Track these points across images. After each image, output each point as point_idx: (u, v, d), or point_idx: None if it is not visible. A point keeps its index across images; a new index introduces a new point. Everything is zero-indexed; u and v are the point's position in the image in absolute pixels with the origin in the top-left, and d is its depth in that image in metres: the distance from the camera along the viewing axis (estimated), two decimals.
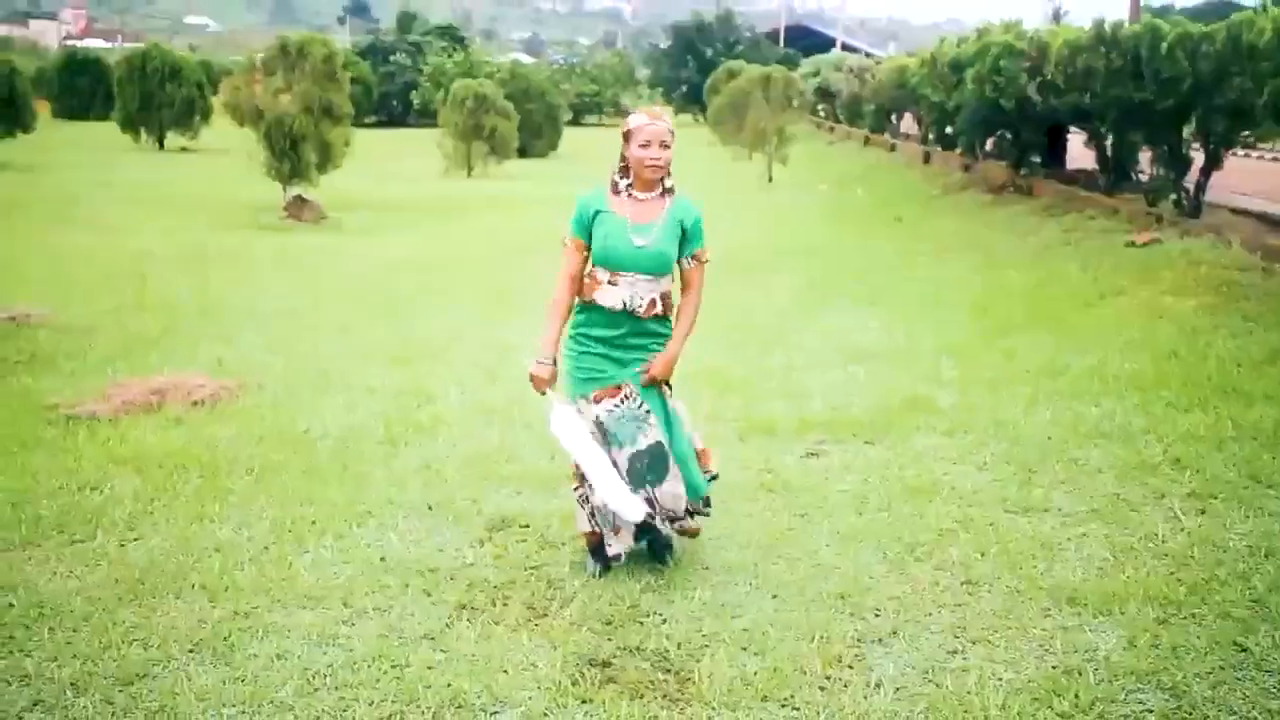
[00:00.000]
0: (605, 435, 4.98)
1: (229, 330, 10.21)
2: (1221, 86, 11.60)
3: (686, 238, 4.99)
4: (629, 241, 4.88)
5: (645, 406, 4.97)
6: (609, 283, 4.94)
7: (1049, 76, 14.90)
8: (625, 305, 4.92)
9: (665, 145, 4.86)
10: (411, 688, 4.10)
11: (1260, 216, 13.24)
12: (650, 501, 4.97)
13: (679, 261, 5.02)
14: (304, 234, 17.93)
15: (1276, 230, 12.25)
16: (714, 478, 5.25)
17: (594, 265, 5.00)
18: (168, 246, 15.69)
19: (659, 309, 4.99)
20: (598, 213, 4.95)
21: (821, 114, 45.06)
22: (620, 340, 4.98)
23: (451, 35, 66.97)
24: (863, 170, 27.71)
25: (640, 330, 4.99)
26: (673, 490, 4.99)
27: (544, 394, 5.07)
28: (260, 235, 17.46)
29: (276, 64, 19.33)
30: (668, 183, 4.99)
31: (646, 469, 4.95)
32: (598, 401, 4.99)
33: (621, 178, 4.98)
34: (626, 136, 4.92)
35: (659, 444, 4.96)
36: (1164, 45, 12.18)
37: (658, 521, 5.01)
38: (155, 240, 16.34)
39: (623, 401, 4.97)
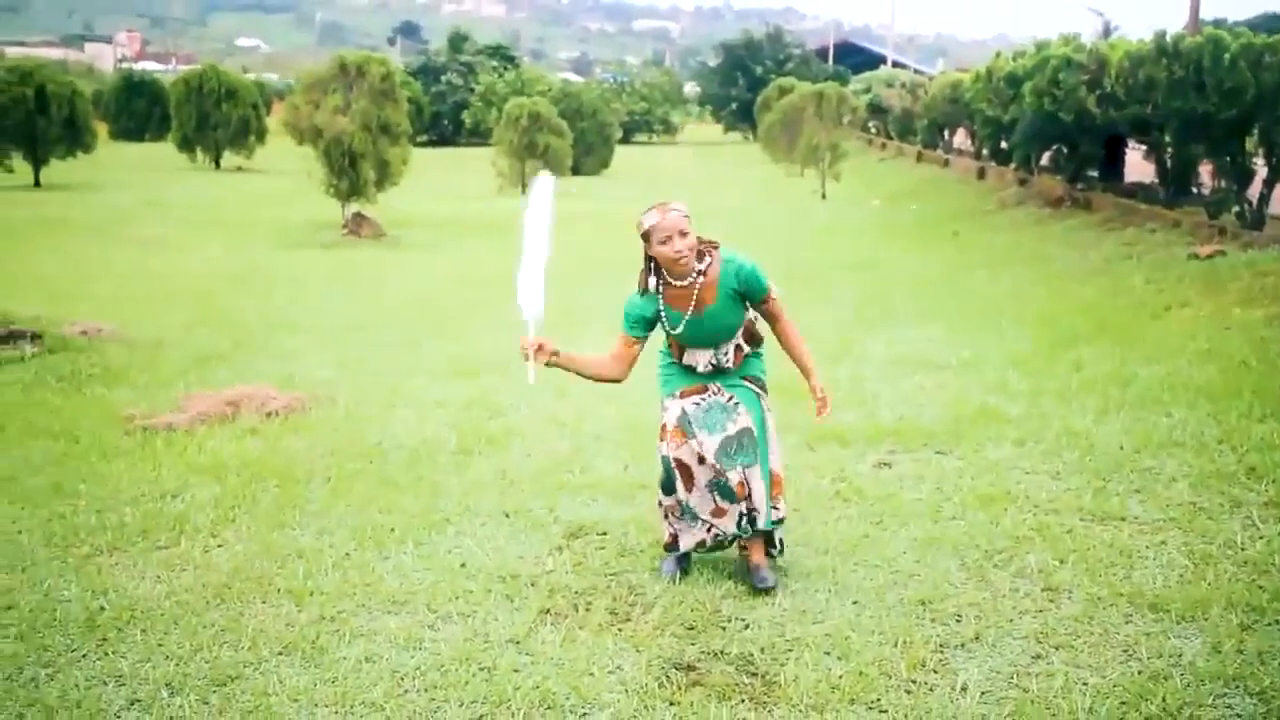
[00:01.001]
0: (692, 425, 4.99)
1: (296, 345, 10.35)
2: None
3: (750, 294, 4.96)
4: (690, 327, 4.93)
5: (734, 399, 5.01)
6: (689, 350, 5.04)
7: (1109, 89, 14.84)
8: (714, 365, 5.01)
9: (684, 233, 4.80)
10: (501, 689, 4.14)
11: None
12: (744, 484, 4.98)
13: (753, 309, 5.04)
14: (364, 250, 18.12)
15: None
16: (778, 521, 5.15)
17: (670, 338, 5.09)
18: (230, 264, 15.93)
19: (745, 351, 5.06)
20: (658, 311, 4.98)
21: (873, 130, 45.01)
22: (709, 380, 5.05)
23: (502, 55, 67.41)
24: (916, 186, 27.67)
25: (728, 375, 5.06)
26: (757, 480, 5.00)
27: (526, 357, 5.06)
28: (322, 252, 17.67)
29: (335, 83, 19.55)
30: (702, 264, 4.91)
31: (738, 450, 4.97)
32: (684, 396, 5.04)
33: (654, 276, 4.97)
34: (646, 237, 4.86)
35: (749, 429, 4.99)
36: (1227, 56, 12.12)
37: (735, 522, 5.05)
38: (218, 258, 16.59)
39: (709, 395, 5.02)
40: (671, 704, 4.08)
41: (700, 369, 5.02)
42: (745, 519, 5.01)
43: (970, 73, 25.02)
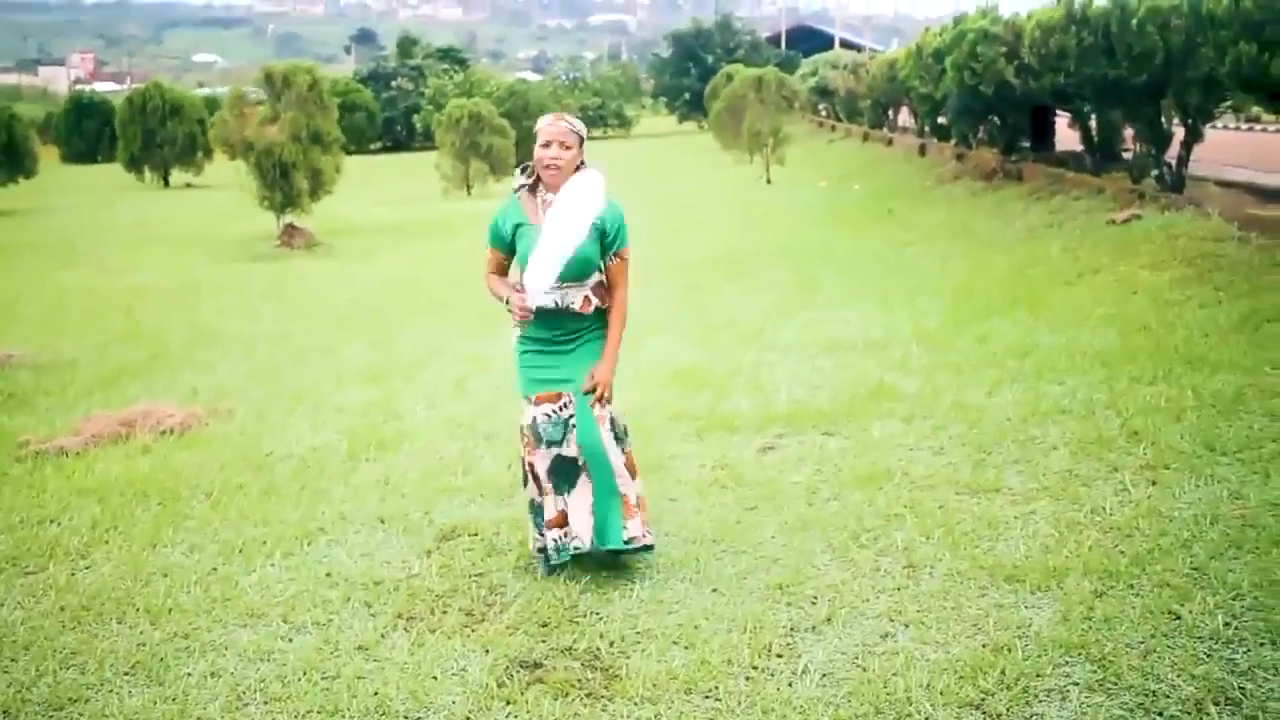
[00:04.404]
0: (538, 435, 4.99)
1: (211, 359, 10.25)
2: (1192, 58, 11.51)
3: (608, 238, 4.95)
4: None
5: (573, 422, 4.99)
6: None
7: (1025, 59, 14.84)
8: (558, 305, 4.94)
9: (566, 146, 4.87)
10: (338, 698, 4.11)
11: (1246, 187, 13.15)
12: (565, 514, 5.00)
13: (602, 260, 4.99)
14: (296, 261, 17.99)
15: (1258, 200, 12.17)
16: (644, 548, 5.08)
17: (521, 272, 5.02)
18: (159, 282, 15.79)
19: (595, 304, 4.99)
20: (517, 226, 4.97)
21: (823, 113, 45.02)
22: (562, 336, 5.00)
23: (453, 57, 67.11)
24: (860, 166, 27.64)
25: (579, 325, 5.00)
26: (581, 506, 4.99)
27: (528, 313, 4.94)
28: (251, 265, 17.53)
29: (263, 94, 19.42)
30: None
31: (563, 474, 4.99)
32: (538, 404, 5.01)
33: (526, 176, 5.01)
34: (535, 137, 4.95)
35: (573, 459, 4.99)
36: (1134, 21, 12.11)
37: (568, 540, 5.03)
38: (148, 276, 16.45)
39: (560, 410, 4.99)
40: (508, 703, 4.05)
41: (539, 300, 4.91)
42: (567, 541, 5.03)
43: (904, 50, 25.03)
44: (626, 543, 4.98)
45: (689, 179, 29.56)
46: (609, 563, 5.10)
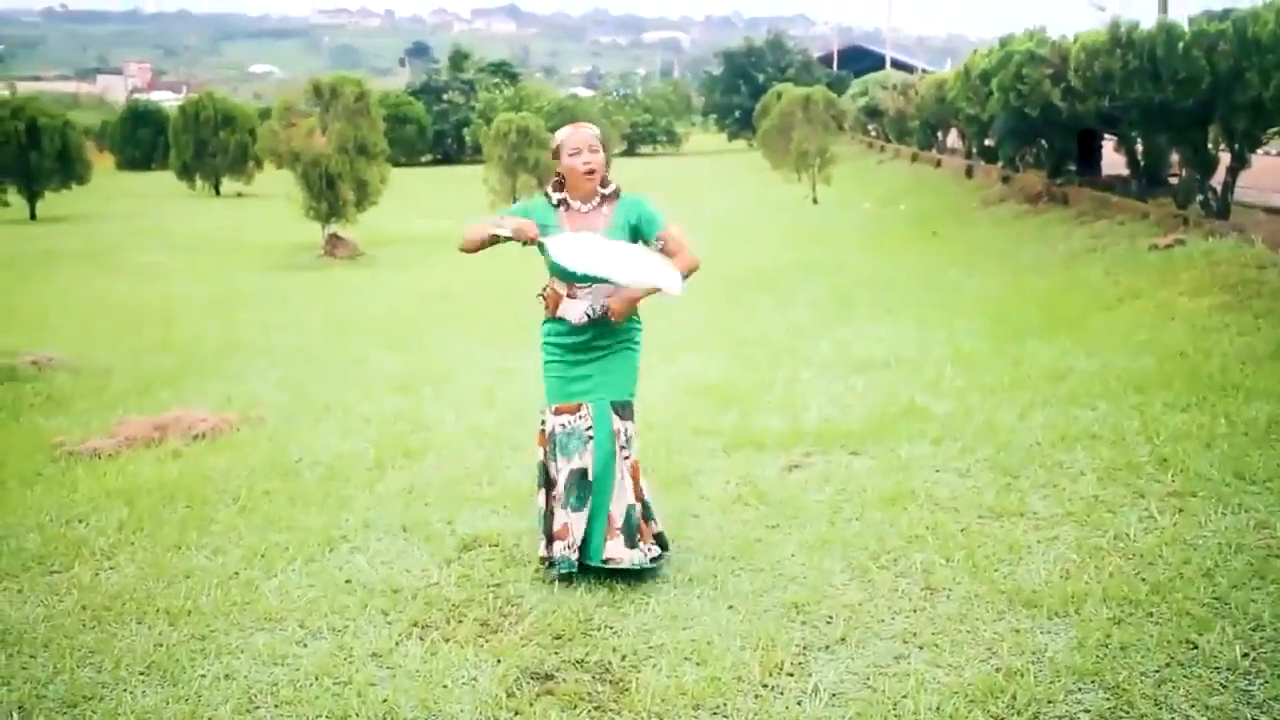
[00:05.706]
0: (556, 446, 5.04)
1: (244, 367, 10.35)
2: (1239, 83, 11.40)
3: (642, 230, 5.01)
4: None
5: (590, 433, 5.04)
6: (569, 296, 5.03)
7: (1070, 82, 14.75)
8: (590, 316, 5.00)
9: (594, 149, 4.96)
10: (347, 704, 4.11)
11: None
12: (566, 526, 5.04)
13: (651, 244, 5.03)
14: (337, 271, 18.17)
15: None
16: (605, 562, 5.08)
17: (551, 277, 5.07)
18: (201, 289, 15.97)
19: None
20: (545, 226, 5.00)
21: (872, 133, 44.96)
22: (587, 343, 5.06)
23: (504, 72, 67.52)
24: (907, 187, 27.59)
25: (606, 330, 5.06)
26: (580, 523, 5.04)
27: (534, 238, 4.92)
28: (293, 274, 17.71)
29: (310, 106, 19.64)
30: (608, 189, 5.07)
31: (574, 489, 5.04)
32: (557, 414, 5.08)
33: (555, 191, 5.05)
34: (556, 152, 5.03)
35: (584, 471, 5.03)
36: (1180, 45, 12.01)
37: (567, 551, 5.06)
38: (189, 284, 16.64)
39: (578, 420, 5.04)
40: (516, 714, 4.04)
41: (574, 320, 5.01)
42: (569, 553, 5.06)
43: (952, 72, 24.96)
44: (604, 562, 5.04)
45: (736, 197, 29.58)
46: (626, 576, 5.10)
